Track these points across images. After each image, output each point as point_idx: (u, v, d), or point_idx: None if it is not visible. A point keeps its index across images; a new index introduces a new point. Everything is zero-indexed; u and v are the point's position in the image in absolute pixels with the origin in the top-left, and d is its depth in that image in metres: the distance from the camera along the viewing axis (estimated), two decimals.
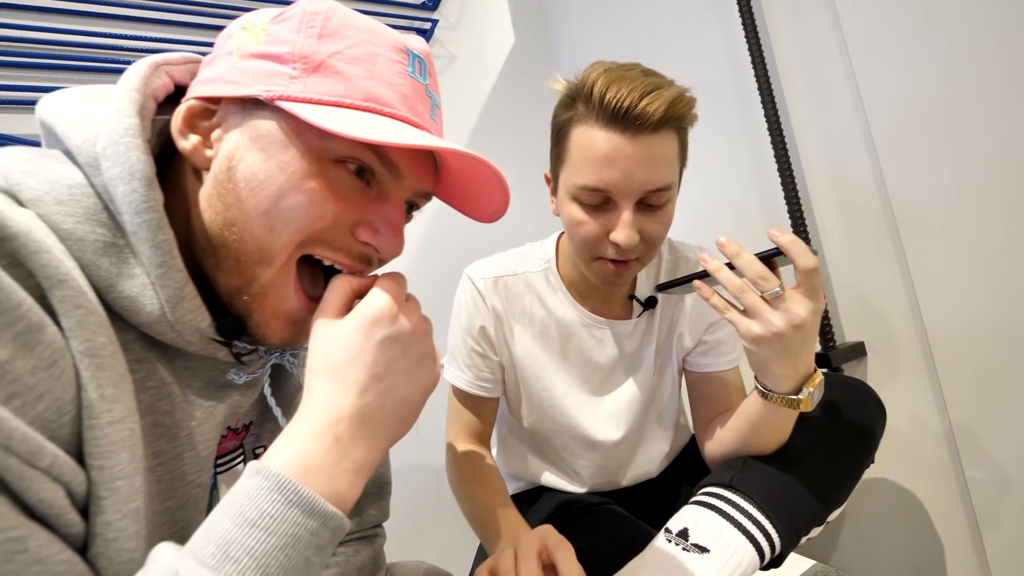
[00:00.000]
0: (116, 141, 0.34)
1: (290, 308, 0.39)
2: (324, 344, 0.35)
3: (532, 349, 0.76)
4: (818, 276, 0.51)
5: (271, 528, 0.28)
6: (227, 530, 0.27)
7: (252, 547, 0.27)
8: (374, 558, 0.56)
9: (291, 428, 0.33)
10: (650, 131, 0.57)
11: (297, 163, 0.36)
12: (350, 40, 0.37)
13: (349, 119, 0.34)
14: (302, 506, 0.29)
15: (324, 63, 0.36)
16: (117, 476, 0.30)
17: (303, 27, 0.36)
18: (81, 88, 0.40)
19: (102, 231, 0.33)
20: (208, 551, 0.27)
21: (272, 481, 0.29)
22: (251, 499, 0.29)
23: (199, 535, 0.28)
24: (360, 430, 0.34)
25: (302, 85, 0.35)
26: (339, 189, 0.37)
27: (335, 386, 0.34)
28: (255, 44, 0.37)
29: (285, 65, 0.36)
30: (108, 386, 0.30)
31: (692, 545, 0.56)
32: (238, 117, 0.37)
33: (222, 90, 0.37)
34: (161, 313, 0.34)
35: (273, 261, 0.36)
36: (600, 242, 0.63)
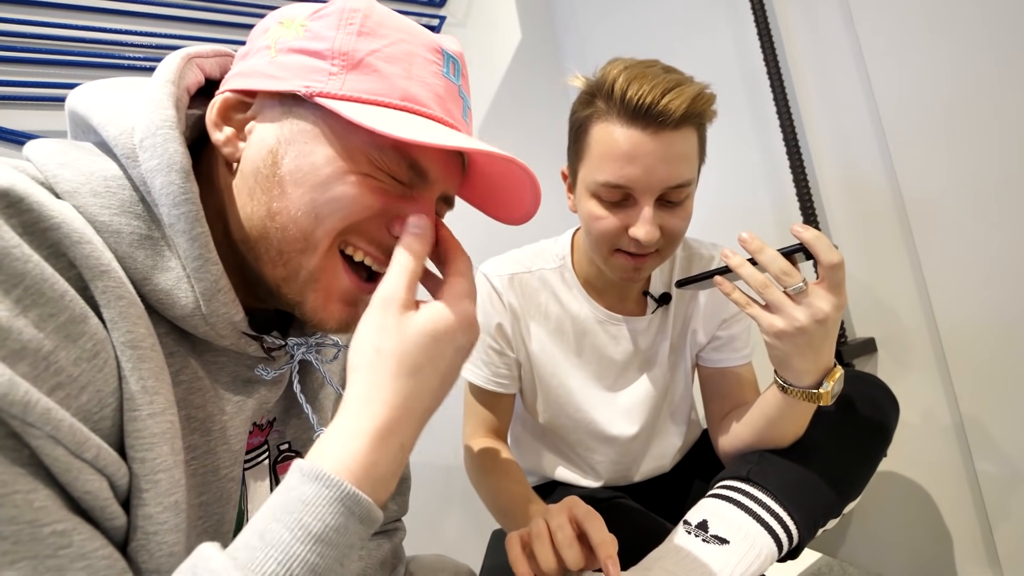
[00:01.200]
0: (154, 133, 0.34)
1: (343, 287, 0.39)
2: (411, 340, 0.33)
3: (548, 345, 0.76)
4: (842, 271, 0.51)
5: (333, 541, 0.27)
6: (288, 544, 0.26)
7: (315, 563, 0.26)
8: (395, 552, 0.57)
9: (353, 427, 0.31)
10: (671, 128, 0.58)
11: (341, 160, 0.36)
12: (388, 39, 0.37)
13: (387, 118, 0.35)
14: (362, 516, 0.29)
15: (363, 61, 0.36)
16: (159, 468, 0.30)
17: (343, 24, 0.37)
18: (111, 80, 0.40)
19: (138, 223, 0.33)
20: (269, 567, 0.26)
21: (336, 491, 0.28)
22: (314, 510, 0.27)
23: (253, 544, 0.26)
24: (418, 431, 0.34)
25: (341, 82, 0.35)
26: (383, 186, 0.37)
27: (415, 391, 0.33)
28: (294, 39, 0.37)
29: (324, 61, 0.36)
30: (149, 378, 0.31)
31: (712, 537, 0.56)
32: (276, 111, 0.37)
33: (260, 84, 0.37)
34: (196, 306, 0.34)
35: (317, 248, 0.36)
36: (619, 236, 0.63)
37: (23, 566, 0.24)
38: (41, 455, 0.26)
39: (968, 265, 0.78)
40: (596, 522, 0.49)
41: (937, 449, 0.84)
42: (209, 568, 0.26)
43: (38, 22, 0.94)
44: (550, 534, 0.49)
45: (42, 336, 0.26)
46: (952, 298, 0.80)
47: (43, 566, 0.25)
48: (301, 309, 0.38)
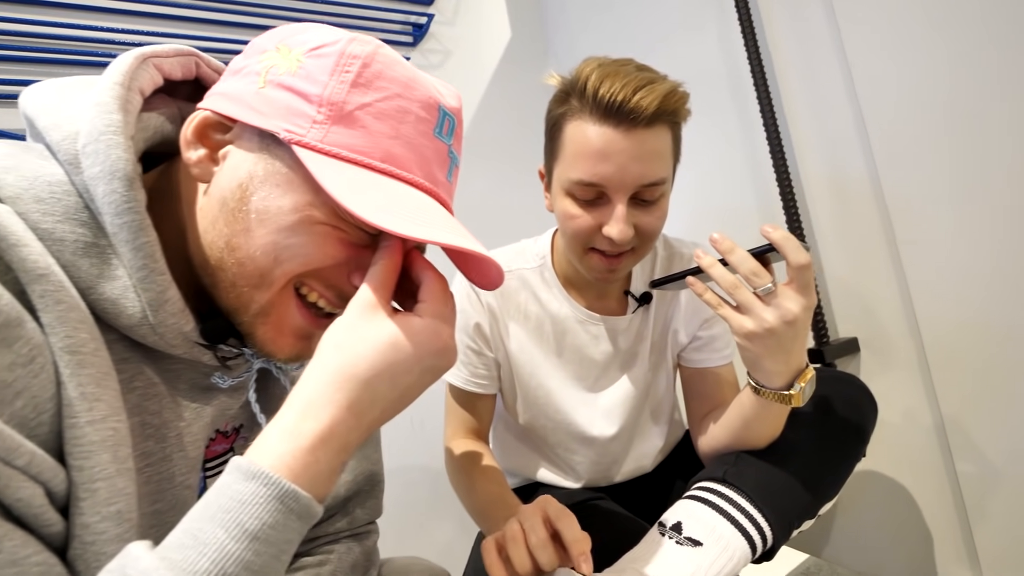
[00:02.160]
0: (96, 139, 0.32)
1: (295, 323, 0.38)
2: (373, 343, 0.32)
3: (527, 346, 0.76)
4: (810, 272, 0.51)
5: (270, 539, 0.27)
6: (223, 542, 0.26)
7: (251, 561, 0.26)
8: (367, 555, 0.56)
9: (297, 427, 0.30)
10: (644, 125, 0.58)
11: (311, 209, 0.35)
12: (383, 92, 0.36)
13: (360, 184, 0.34)
14: (300, 513, 0.29)
15: (351, 114, 0.35)
16: (97, 477, 0.30)
17: (338, 70, 0.35)
18: (65, 80, 0.38)
19: (83, 231, 0.32)
20: (202, 566, 0.25)
21: (274, 488, 0.28)
22: (251, 508, 0.27)
23: (186, 544, 0.26)
24: (365, 437, 0.33)
25: (323, 132, 0.34)
26: (349, 237, 0.37)
27: (367, 397, 0.32)
28: (285, 73, 0.35)
29: (311, 106, 0.34)
30: (89, 384, 0.30)
31: (685, 538, 0.56)
32: (255, 143, 0.36)
33: (242, 114, 0.35)
34: (143, 316, 0.33)
35: (271, 286, 0.36)
36: (593, 235, 0.63)
37: None
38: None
39: (950, 266, 0.78)
40: (568, 520, 0.49)
41: (919, 449, 0.85)
42: (139, 568, 0.25)
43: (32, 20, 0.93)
44: (524, 536, 0.49)
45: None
46: (934, 299, 0.80)
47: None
48: (252, 340, 0.37)
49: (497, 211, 1.43)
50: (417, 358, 0.33)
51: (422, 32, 1.39)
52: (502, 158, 1.47)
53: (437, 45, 1.44)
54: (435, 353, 0.34)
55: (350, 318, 0.33)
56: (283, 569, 0.28)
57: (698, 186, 1.16)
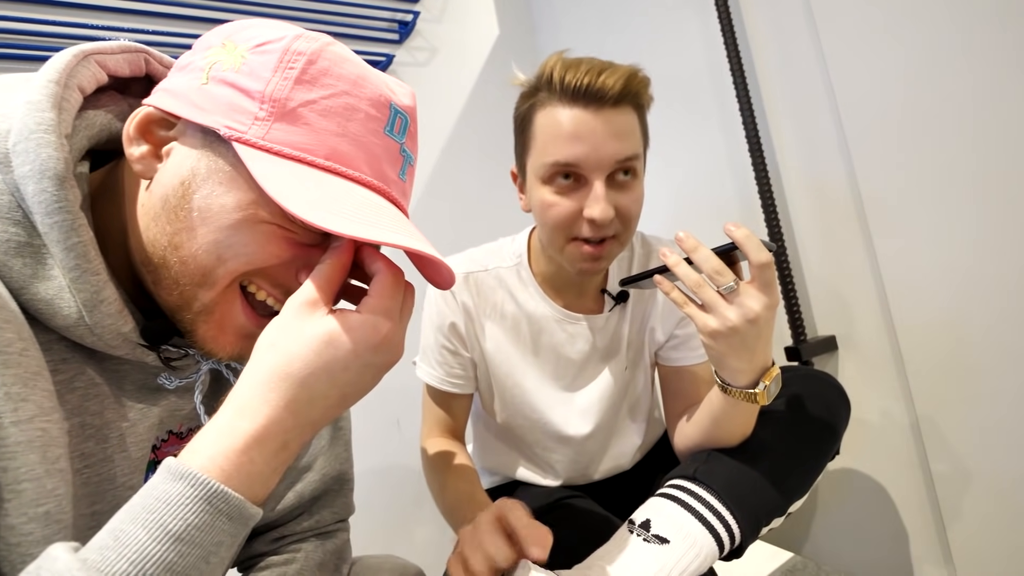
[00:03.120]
0: (27, 137, 0.32)
1: (238, 324, 0.37)
2: (307, 341, 0.32)
3: (503, 345, 0.76)
4: (771, 271, 0.51)
5: (196, 540, 0.27)
6: (143, 543, 0.25)
7: (173, 562, 0.26)
8: (336, 553, 0.56)
9: (230, 425, 0.30)
10: (611, 105, 0.60)
11: (256, 208, 0.34)
12: (329, 90, 0.35)
13: (302, 181, 0.33)
14: (231, 514, 0.28)
15: (294, 111, 0.34)
16: (23, 478, 0.29)
17: (282, 67, 0.35)
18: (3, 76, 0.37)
19: (15, 230, 0.32)
20: (120, 567, 0.25)
21: (201, 489, 0.27)
22: (175, 509, 0.26)
23: (107, 545, 0.26)
24: (308, 435, 0.33)
25: (264, 129, 0.34)
26: (293, 236, 0.36)
27: (304, 396, 0.31)
28: (229, 69, 0.35)
29: (252, 102, 0.34)
30: (14, 384, 0.29)
31: (653, 536, 0.56)
32: (197, 140, 0.35)
33: (184, 111, 0.35)
34: (79, 316, 0.33)
35: (214, 285, 0.35)
36: (574, 222, 0.63)
37: None
38: None
39: (925, 266, 0.78)
40: (517, 512, 0.49)
41: (894, 448, 0.85)
42: (54, 569, 0.24)
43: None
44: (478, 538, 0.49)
45: None
46: (909, 298, 0.81)
47: None
48: (192, 337, 0.37)
49: (484, 209, 1.42)
50: (355, 354, 0.33)
51: (408, 29, 1.39)
52: (489, 156, 1.46)
53: (423, 43, 1.43)
54: (373, 349, 0.33)
55: (286, 317, 0.33)
56: (215, 570, 0.28)
57: (678, 185, 1.17)
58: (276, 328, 0.33)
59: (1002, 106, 0.69)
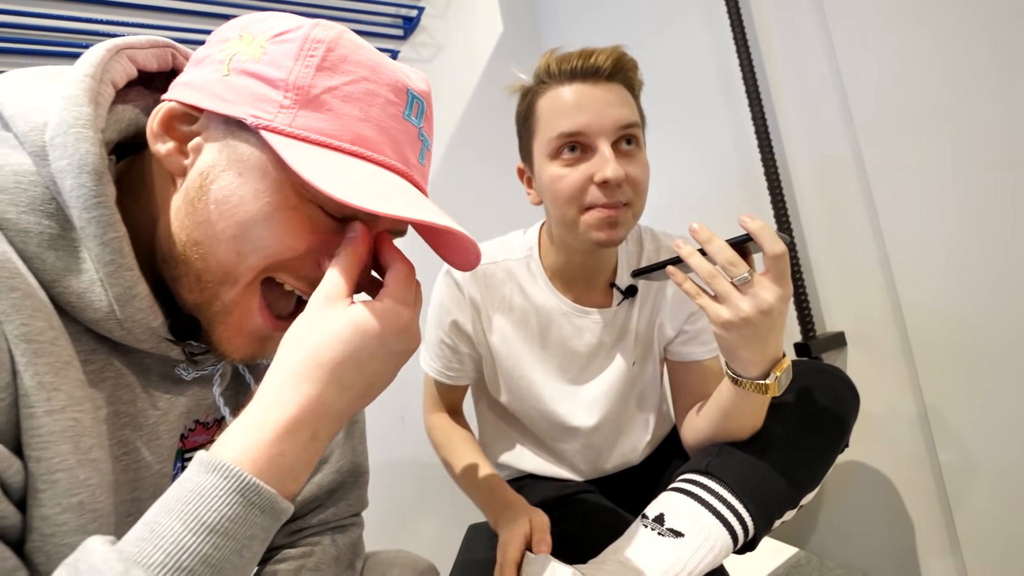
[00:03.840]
0: (65, 131, 0.32)
1: (255, 326, 0.38)
2: (334, 331, 0.32)
3: (510, 337, 0.76)
4: (786, 262, 0.51)
5: (230, 532, 0.27)
6: (179, 534, 0.25)
7: (208, 554, 0.26)
8: (352, 547, 0.56)
9: (261, 417, 0.30)
10: (605, 79, 0.64)
11: (274, 193, 0.34)
12: (349, 76, 0.36)
13: (332, 166, 0.33)
14: (263, 507, 0.28)
15: (318, 98, 0.34)
16: (56, 468, 0.29)
17: (303, 55, 0.35)
18: (33, 70, 0.38)
19: (49, 223, 0.32)
20: (157, 558, 0.25)
21: (234, 481, 0.27)
22: (209, 501, 0.27)
23: (143, 536, 0.26)
24: (336, 427, 0.33)
25: (290, 117, 0.34)
26: (314, 224, 0.36)
27: (333, 385, 0.32)
28: (250, 60, 0.35)
29: (277, 91, 0.34)
30: (47, 373, 0.29)
31: (667, 530, 0.56)
32: (220, 132, 0.35)
33: (207, 102, 0.35)
34: (110, 310, 0.33)
35: (236, 283, 0.35)
36: (585, 190, 0.64)
37: None
38: None
39: (935, 260, 0.78)
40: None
41: (903, 441, 0.85)
42: (90, 561, 0.25)
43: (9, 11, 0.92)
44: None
45: None
46: (919, 294, 0.81)
47: None
48: (207, 337, 0.37)
49: (488, 204, 1.42)
50: (380, 341, 0.33)
51: (413, 26, 1.39)
52: (493, 152, 1.46)
53: (428, 39, 1.43)
54: (396, 335, 0.34)
55: (311, 311, 0.33)
56: (248, 565, 0.28)
57: (686, 177, 1.17)
58: (303, 322, 0.33)
59: (1013, 97, 0.69)
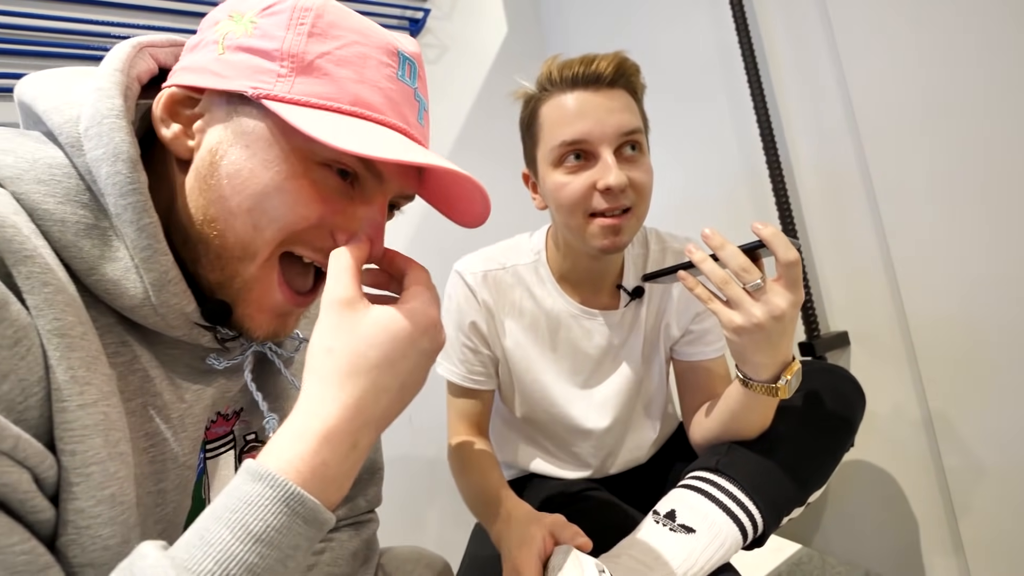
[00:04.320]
0: (99, 122, 0.33)
1: (275, 302, 0.38)
2: (365, 336, 0.33)
3: (522, 341, 0.77)
4: (798, 269, 0.52)
5: (275, 542, 0.27)
6: (227, 543, 0.26)
7: (254, 563, 0.26)
8: (367, 543, 0.57)
9: (303, 428, 0.30)
10: (607, 86, 0.65)
11: (282, 162, 0.35)
12: (340, 40, 0.36)
13: (336, 125, 0.34)
14: (307, 517, 0.28)
15: (313, 63, 0.35)
16: (90, 461, 0.30)
17: (293, 24, 0.35)
18: (62, 70, 0.39)
19: (84, 212, 0.33)
20: (206, 566, 0.25)
21: (280, 491, 0.28)
22: (256, 510, 0.27)
23: (193, 543, 0.26)
24: (374, 435, 0.34)
25: (289, 85, 0.35)
26: (323, 190, 0.37)
27: (370, 391, 0.32)
28: (242, 36, 0.36)
29: (273, 62, 0.35)
30: (79, 367, 0.29)
31: (679, 526, 0.57)
32: (222, 111, 0.36)
33: (207, 81, 0.36)
34: (145, 296, 0.33)
35: (255, 257, 0.36)
36: (589, 197, 0.64)
37: None
38: None
39: (939, 262, 0.79)
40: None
41: (907, 442, 0.86)
42: (144, 566, 0.25)
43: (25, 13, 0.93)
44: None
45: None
46: (923, 293, 0.82)
47: None
48: (232, 313, 0.38)
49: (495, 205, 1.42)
50: (411, 341, 0.34)
51: (418, 27, 1.39)
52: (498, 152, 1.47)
53: (434, 40, 1.44)
54: (424, 333, 0.35)
55: (331, 319, 0.33)
56: (289, 572, 0.28)
57: (690, 180, 1.18)
58: (326, 331, 0.33)
59: (1018, 100, 0.70)
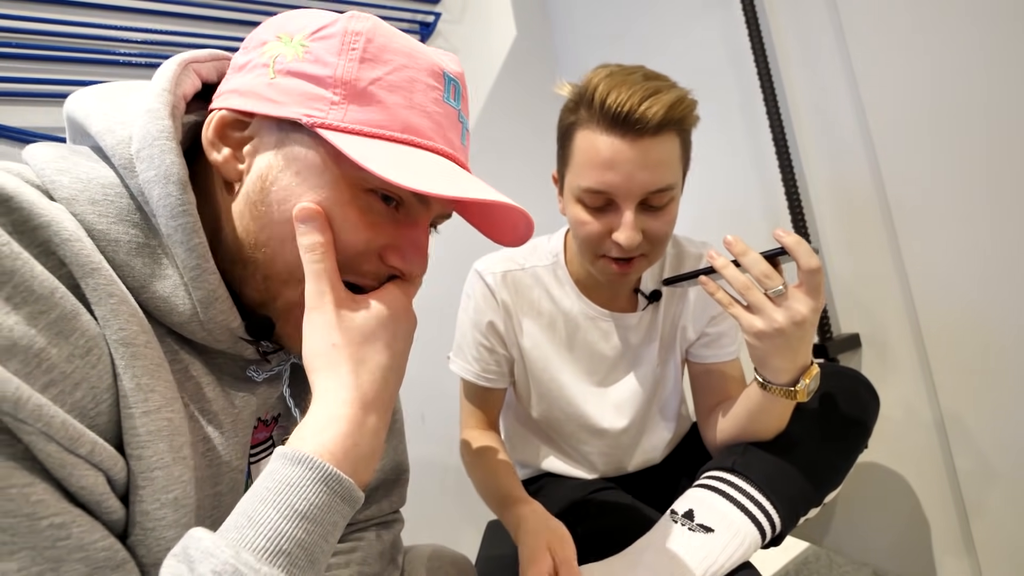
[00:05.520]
0: (151, 144, 0.34)
1: None
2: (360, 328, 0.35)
3: (540, 341, 0.78)
4: (820, 276, 0.53)
5: (318, 519, 0.29)
6: (276, 521, 0.28)
7: (302, 539, 0.28)
8: (393, 543, 0.58)
9: (330, 415, 0.32)
10: (650, 134, 0.59)
11: (330, 190, 0.36)
12: (390, 65, 0.36)
13: (388, 156, 0.34)
14: (343, 495, 0.30)
15: (366, 90, 0.35)
16: (154, 466, 0.31)
17: (345, 49, 0.36)
18: (108, 86, 0.40)
19: (135, 232, 0.34)
20: (260, 543, 0.27)
21: (319, 472, 0.29)
22: (299, 490, 0.29)
23: (241, 524, 0.28)
24: (387, 414, 0.36)
25: (343, 112, 0.35)
26: (370, 217, 0.37)
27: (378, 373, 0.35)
28: (293, 60, 0.36)
29: (327, 89, 0.35)
30: (143, 375, 0.31)
31: (698, 525, 0.59)
32: (274, 136, 0.36)
33: (259, 107, 0.36)
34: (193, 313, 0.35)
35: (300, 283, 0.36)
36: (603, 241, 0.65)
37: (22, 556, 0.25)
38: (35, 450, 0.26)
39: (951, 264, 0.80)
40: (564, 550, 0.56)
41: (919, 444, 0.87)
42: (201, 547, 0.26)
43: (36, 18, 0.94)
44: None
45: (33, 333, 0.27)
46: (935, 297, 0.82)
47: (41, 556, 0.26)
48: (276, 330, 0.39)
49: None
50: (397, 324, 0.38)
51: (430, 30, 1.41)
52: (509, 156, 1.48)
53: (444, 43, 1.45)
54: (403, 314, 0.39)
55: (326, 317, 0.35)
56: (330, 551, 0.30)
57: (704, 186, 1.18)
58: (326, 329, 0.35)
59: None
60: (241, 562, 0.26)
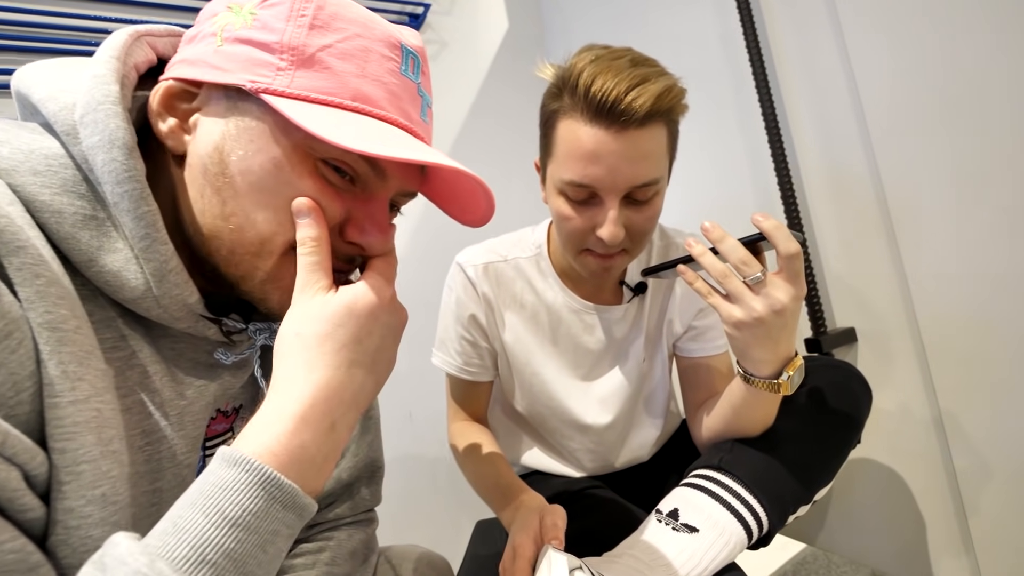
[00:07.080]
0: (95, 109, 0.32)
1: None
2: (328, 319, 0.33)
3: (522, 335, 0.76)
4: (800, 261, 0.51)
5: (252, 526, 0.27)
6: (202, 528, 0.25)
7: (231, 548, 0.26)
8: (366, 542, 0.56)
9: (277, 410, 0.30)
10: (636, 126, 0.55)
11: (286, 160, 0.34)
12: (342, 33, 0.35)
13: (337, 122, 0.33)
14: (285, 502, 0.28)
15: (314, 56, 0.34)
16: (81, 459, 0.29)
17: (294, 15, 0.35)
18: (58, 59, 0.38)
19: (81, 203, 0.32)
20: (181, 552, 0.25)
21: (255, 475, 0.27)
22: (231, 495, 0.26)
23: (166, 530, 0.26)
24: (352, 415, 0.33)
25: (289, 79, 0.34)
26: (329, 186, 0.36)
27: (342, 369, 0.32)
28: (241, 28, 0.35)
29: (272, 55, 0.34)
30: (71, 362, 0.29)
31: (682, 525, 0.56)
32: (221, 105, 0.35)
33: (204, 74, 0.35)
34: (146, 288, 0.33)
35: (271, 255, 0.35)
36: (586, 236, 0.62)
37: None
38: None
39: (948, 259, 0.78)
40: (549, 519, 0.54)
41: (915, 439, 0.85)
42: (115, 555, 0.24)
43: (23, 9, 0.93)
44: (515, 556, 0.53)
45: None
46: (931, 291, 0.80)
47: None
48: (266, 305, 0.37)
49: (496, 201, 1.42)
50: (373, 316, 0.34)
51: (419, 22, 1.39)
52: (499, 148, 1.46)
53: (434, 35, 1.43)
54: (385, 308, 0.36)
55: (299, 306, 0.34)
56: (273, 561, 0.28)
57: (697, 178, 1.16)
58: (295, 317, 0.34)
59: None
60: (155, 572, 0.23)
